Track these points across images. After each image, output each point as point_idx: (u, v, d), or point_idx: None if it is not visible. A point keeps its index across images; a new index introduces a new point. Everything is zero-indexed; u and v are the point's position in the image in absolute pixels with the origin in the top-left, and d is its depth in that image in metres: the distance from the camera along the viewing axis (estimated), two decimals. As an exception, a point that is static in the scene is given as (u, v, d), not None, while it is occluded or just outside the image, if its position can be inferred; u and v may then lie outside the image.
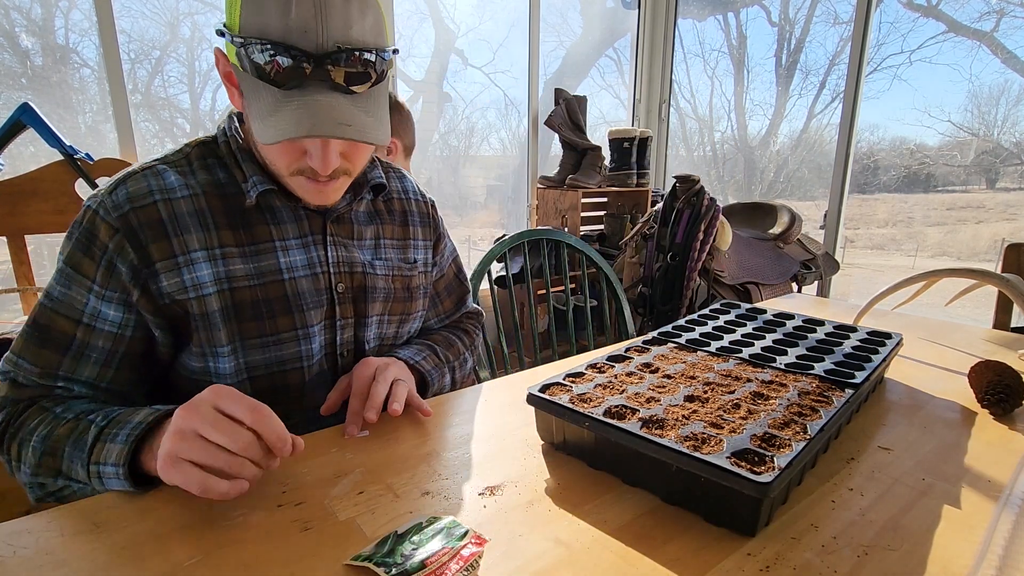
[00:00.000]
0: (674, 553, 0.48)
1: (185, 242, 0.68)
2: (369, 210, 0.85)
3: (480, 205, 3.14)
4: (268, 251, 0.72)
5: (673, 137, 3.29)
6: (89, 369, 0.67)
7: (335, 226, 0.78)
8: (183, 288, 0.67)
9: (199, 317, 0.68)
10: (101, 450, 0.57)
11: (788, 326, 0.93)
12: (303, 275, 0.74)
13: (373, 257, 0.83)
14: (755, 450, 0.52)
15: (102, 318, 0.66)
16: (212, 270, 0.69)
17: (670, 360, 0.78)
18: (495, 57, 2.82)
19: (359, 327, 0.81)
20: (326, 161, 0.65)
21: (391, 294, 0.84)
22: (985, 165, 2.96)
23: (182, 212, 0.68)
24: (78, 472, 0.59)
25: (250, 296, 0.70)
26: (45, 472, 0.61)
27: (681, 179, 2.14)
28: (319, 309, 0.76)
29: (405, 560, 0.44)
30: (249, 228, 0.72)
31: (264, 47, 0.58)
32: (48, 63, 1.86)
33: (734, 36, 3.18)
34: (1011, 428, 0.72)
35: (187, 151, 0.73)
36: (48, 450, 0.61)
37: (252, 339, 0.71)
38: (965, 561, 0.47)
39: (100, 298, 0.66)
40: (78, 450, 0.59)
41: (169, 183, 0.69)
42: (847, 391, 0.67)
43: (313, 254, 0.75)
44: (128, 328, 0.68)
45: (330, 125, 0.60)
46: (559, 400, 0.63)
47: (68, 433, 0.60)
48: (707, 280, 2.12)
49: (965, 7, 2.50)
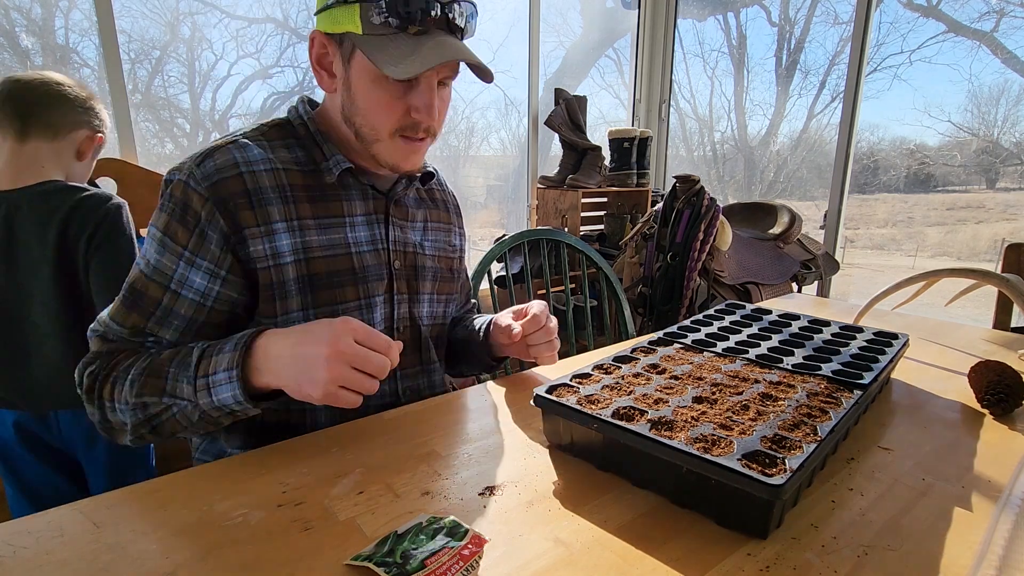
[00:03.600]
0: (674, 553, 0.48)
1: (268, 213, 0.72)
2: (417, 196, 0.91)
3: (480, 205, 3.14)
4: (339, 225, 0.78)
5: (673, 137, 3.28)
6: (170, 333, 0.71)
7: (395, 207, 0.84)
8: (264, 256, 0.72)
9: (277, 285, 0.73)
10: (208, 364, 0.63)
11: (794, 327, 0.93)
12: (367, 250, 0.80)
13: (423, 238, 0.89)
14: (766, 452, 0.52)
15: (188, 285, 0.70)
16: (291, 240, 0.74)
17: (677, 361, 0.78)
18: (495, 57, 2.81)
19: (413, 303, 0.86)
20: (431, 108, 0.73)
21: (438, 273, 0.90)
22: (985, 165, 2.96)
23: (264, 185, 0.73)
24: (183, 389, 0.64)
25: (323, 267, 0.76)
26: (149, 391, 0.65)
27: (681, 179, 2.14)
28: (380, 282, 0.81)
29: (405, 560, 0.44)
30: (326, 202, 0.77)
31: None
32: (48, 63, 1.86)
33: (734, 36, 3.18)
34: (1011, 428, 0.72)
35: (264, 130, 0.78)
36: (152, 371, 0.66)
37: (321, 307, 0.76)
38: (965, 561, 0.47)
39: (190, 264, 0.70)
40: (183, 369, 0.64)
41: (252, 156, 0.74)
42: (855, 392, 0.67)
43: (376, 231, 0.82)
44: (210, 299, 0.71)
45: (466, 52, 0.71)
46: (566, 402, 0.63)
47: (171, 357, 0.66)
48: (707, 280, 2.12)
49: (965, 7, 2.49)
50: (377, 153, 0.77)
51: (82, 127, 1.13)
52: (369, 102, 0.74)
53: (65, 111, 1.10)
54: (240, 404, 0.63)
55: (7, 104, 1.07)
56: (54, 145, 1.09)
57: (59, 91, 1.10)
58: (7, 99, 1.07)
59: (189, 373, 0.64)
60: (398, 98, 0.73)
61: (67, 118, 1.10)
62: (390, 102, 0.73)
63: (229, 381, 0.62)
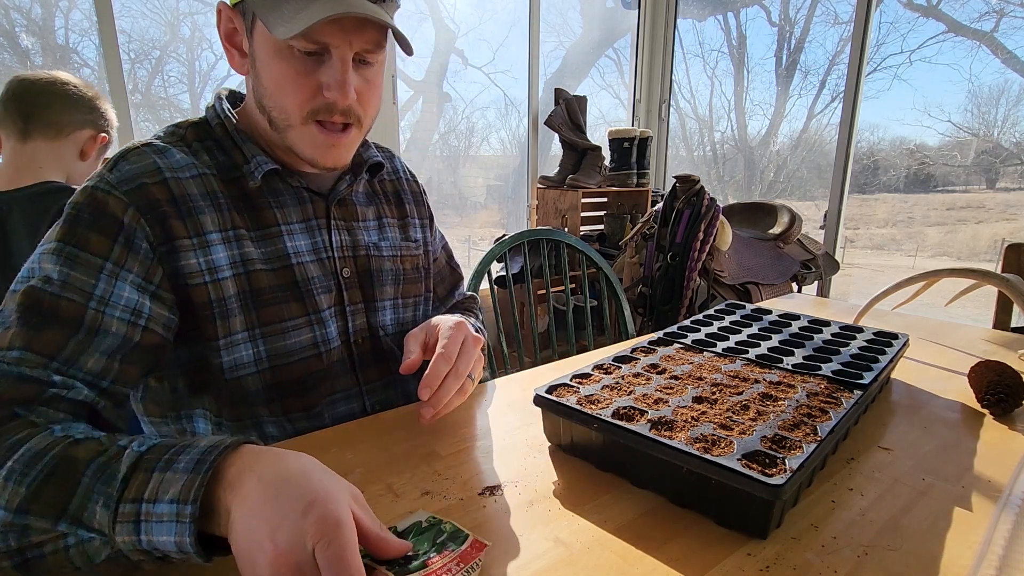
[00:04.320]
0: (674, 552, 0.48)
1: (200, 223, 0.64)
2: (367, 190, 0.83)
3: (480, 205, 3.14)
4: (275, 235, 0.70)
5: (673, 137, 3.29)
6: (94, 360, 0.56)
7: (338, 209, 0.77)
8: (199, 271, 0.64)
9: (216, 303, 0.65)
10: (144, 482, 0.41)
11: (794, 327, 0.93)
12: (310, 260, 0.72)
13: (379, 238, 0.81)
14: (766, 452, 0.52)
15: (114, 301, 0.58)
16: (228, 253, 0.66)
17: (677, 361, 0.78)
18: (495, 57, 2.82)
19: (371, 313, 0.78)
20: (344, 85, 0.63)
21: (400, 275, 0.82)
22: (985, 165, 2.96)
23: (193, 193, 0.65)
24: (94, 514, 0.41)
25: (266, 281, 0.68)
26: (42, 506, 0.41)
27: (681, 179, 2.14)
28: (328, 294, 0.74)
29: (408, 560, 0.44)
30: (255, 212, 0.69)
31: None
32: (48, 63, 1.86)
33: (734, 36, 3.18)
34: (1011, 428, 0.72)
35: (182, 133, 0.70)
36: (57, 469, 0.43)
37: (268, 326, 0.69)
38: (965, 561, 0.47)
39: (114, 277, 0.58)
40: (103, 480, 0.41)
41: (176, 161, 0.65)
42: (855, 392, 0.67)
43: (318, 238, 0.74)
44: (142, 317, 0.60)
45: (365, 6, 0.60)
46: (566, 402, 0.63)
47: (89, 456, 0.43)
48: (707, 280, 2.12)
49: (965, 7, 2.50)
50: (293, 143, 0.68)
51: (86, 127, 1.13)
52: (273, 78, 0.64)
53: (69, 110, 1.10)
54: (186, 555, 0.39)
55: (11, 103, 1.07)
56: (55, 145, 1.09)
57: (63, 90, 1.10)
58: (12, 98, 1.07)
59: (111, 490, 0.41)
60: (305, 73, 0.63)
61: (71, 117, 1.10)
62: (295, 77, 0.63)
63: (177, 520, 0.39)
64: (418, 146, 2.82)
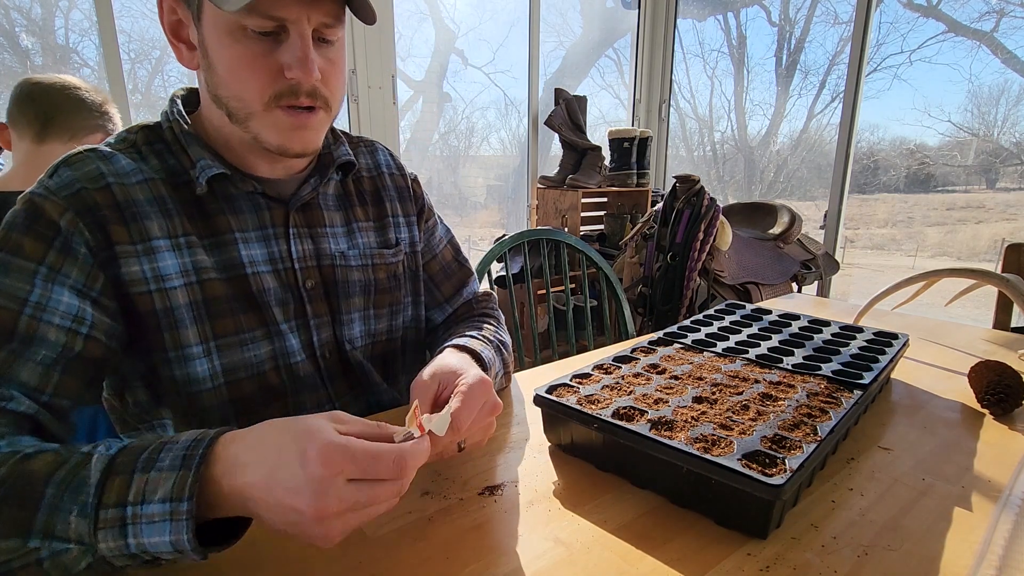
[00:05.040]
0: (674, 552, 0.48)
1: (145, 228, 0.61)
2: (339, 192, 0.77)
3: (480, 205, 3.14)
4: (229, 243, 0.66)
5: (673, 137, 3.29)
6: (29, 371, 0.52)
7: (300, 215, 0.71)
8: (143, 279, 0.60)
9: (163, 313, 0.61)
10: (124, 485, 0.40)
11: (794, 327, 0.93)
12: (266, 271, 0.68)
13: (348, 246, 0.75)
14: (765, 452, 0.52)
15: (51, 307, 0.54)
16: (178, 260, 0.62)
17: (676, 361, 0.78)
18: (495, 57, 2.82)
19: (337, 325, 0.74)
20: (307, 61, 0.59)
21: (371, 285, 0.77)
22: (985, 165, 2.96)
23: (139, 198, 0.61)
24: (69, 525, 0.39)
25: (220, 291, 0.64)
26: (3, 531, 0.40)
27: (681, 179, 2.14)
28: (286, 307, 0.69)
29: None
30: (207, 218, 0.65)
31: None
32: (48, 63, 1.86)
33: (734, 36, 3.18)
34: (1011, 428, 0.72)
35: (132, 138, 0.66)
36: (14, 489, 0.41)
37: (224, 338, 0.65)
38: (965, 561, 0.47)
39: (50, 281, 0.55)
40: (72, 490, 0.40)
41: (121, 167, 0.62)
42: (855, 392, 0.67)
43: (274, 248, 0.69)
44: (84, 324, 0.56)
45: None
46: (566, 401, 0.63)
47: (47, 469, 0.42)
48: (707, 280, 2.12)
49: (965, 7, 2.50)
50: (257, 134, 0.63)
51: (97, 131, 1.16)
52: (228, 64, 0.59)
53: (84, 116, 1.13)
54: (182, 553, 0.40)
55: (29, 106, 1.09)
56: (68, 147, 1.11)
57: (78, 95, 1.13)
58: (29, 101, 1.09)
59: (84, 498, 0.40)
60: (263, 55, 0.59)
61: (85, 122, 1.13)
62: (252, 60, 0.59)
63: (172, 518, 0.39)
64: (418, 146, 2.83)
